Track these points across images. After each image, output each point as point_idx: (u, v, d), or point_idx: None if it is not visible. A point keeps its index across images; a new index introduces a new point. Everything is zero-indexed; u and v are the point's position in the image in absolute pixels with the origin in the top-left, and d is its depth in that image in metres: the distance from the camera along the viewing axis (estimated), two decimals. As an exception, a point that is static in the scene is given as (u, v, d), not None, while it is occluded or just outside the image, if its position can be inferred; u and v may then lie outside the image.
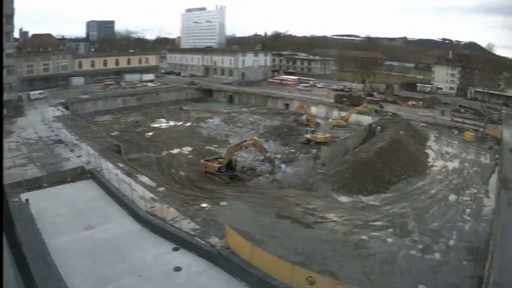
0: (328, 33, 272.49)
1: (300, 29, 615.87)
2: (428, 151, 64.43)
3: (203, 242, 31.03)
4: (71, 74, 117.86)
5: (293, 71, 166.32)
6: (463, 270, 30.42)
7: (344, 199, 44.42)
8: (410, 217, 39.92)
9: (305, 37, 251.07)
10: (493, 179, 51.36)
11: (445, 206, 43.28)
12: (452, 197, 45.78)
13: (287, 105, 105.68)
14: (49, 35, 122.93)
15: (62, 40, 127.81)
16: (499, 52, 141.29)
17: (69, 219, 35.52)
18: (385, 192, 46.94)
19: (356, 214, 40.01)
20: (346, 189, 46.44)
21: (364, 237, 35.30)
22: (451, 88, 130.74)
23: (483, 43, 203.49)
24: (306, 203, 42.33)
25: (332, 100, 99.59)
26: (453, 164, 58.06)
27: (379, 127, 72.24)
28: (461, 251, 33.36)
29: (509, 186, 45.53)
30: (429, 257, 32.38)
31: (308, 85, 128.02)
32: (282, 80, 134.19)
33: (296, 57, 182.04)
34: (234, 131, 78.64)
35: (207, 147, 66.68)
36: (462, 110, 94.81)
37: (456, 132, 76.21)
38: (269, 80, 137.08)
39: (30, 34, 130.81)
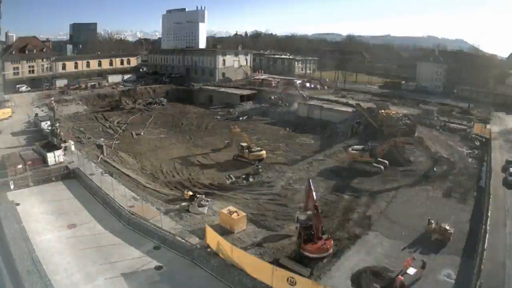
0: (309, 32, 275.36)
1: (281, 29, 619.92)
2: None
3: (184, 241, 31.72)
4: (55, 76, 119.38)
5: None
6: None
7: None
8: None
9: (286, 36, 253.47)
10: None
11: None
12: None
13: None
14: (34, 38, 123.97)
15: (47, 42, 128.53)
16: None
17: (53, 217, 36.85)
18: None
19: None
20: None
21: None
22: (437, 87, 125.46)
23: (470, 40, 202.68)
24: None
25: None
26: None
27: (361, 126, 72.50)
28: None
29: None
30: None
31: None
32: (263, 79, 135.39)
33: (277, 56, 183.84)
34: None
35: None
36: (455, 112, 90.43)
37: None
38: (251, 80, 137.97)
39: (15, 37, 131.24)
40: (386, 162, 53.94)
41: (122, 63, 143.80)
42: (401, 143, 57.30)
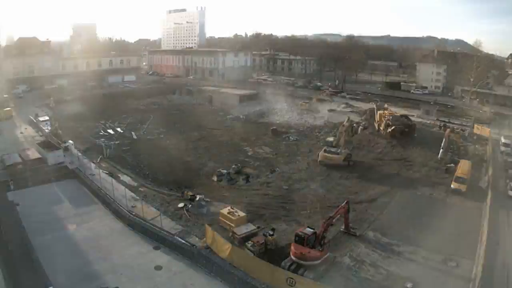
0: (309, 32, 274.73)
1: (281, 29, 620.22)
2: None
3: (183, 241, 31.83)
4: (55, 76, 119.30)
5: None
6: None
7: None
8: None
9: (286, 36, 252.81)
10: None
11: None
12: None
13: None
14: (34, 38, 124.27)
15: (47, 42, 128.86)
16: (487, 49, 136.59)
17: (53, 217, 37.00)
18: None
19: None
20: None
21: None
22: (437, 87, 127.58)
23: (470, 40, 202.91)
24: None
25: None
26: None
27: (361, 127, 72.84)
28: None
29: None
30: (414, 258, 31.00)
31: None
32: (263, 80, 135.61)
33: (277, 57, 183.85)
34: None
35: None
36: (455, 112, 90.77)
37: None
38: (250, 80, 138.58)
39: (15, 37, 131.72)
40: None
41: (122, 63, 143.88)
42: None
